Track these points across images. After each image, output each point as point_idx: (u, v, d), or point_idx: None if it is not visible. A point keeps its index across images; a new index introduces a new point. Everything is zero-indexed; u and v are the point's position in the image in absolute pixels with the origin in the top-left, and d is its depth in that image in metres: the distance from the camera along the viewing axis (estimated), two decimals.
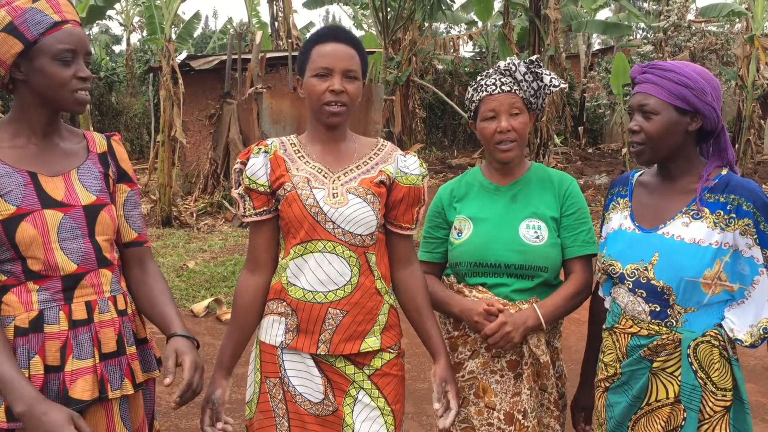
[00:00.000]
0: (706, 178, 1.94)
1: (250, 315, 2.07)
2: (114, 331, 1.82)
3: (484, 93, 2.21)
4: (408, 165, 2.07)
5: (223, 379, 2.05)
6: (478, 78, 2.28)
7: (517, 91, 2.19)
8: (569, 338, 4.88)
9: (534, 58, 2.26)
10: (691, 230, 1.90)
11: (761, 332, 1.87)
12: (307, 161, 2.03)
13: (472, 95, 2.26)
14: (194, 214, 10.60)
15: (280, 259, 2.05)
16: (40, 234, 1.72)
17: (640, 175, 2.12)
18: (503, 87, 2.19)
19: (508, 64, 2.22)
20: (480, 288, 2.22)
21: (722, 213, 1.89)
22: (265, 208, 2.02)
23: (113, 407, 1.81)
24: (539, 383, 2.19)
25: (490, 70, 2.27)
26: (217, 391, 2.02)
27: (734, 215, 1.88)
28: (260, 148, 2.05)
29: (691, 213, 1.93)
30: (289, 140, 2.09)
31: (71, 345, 1.74)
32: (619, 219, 2.08)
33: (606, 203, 2.19)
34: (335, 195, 1.96)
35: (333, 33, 2.01)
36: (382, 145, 2.12)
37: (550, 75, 2.25)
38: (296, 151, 2.05)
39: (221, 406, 2.01)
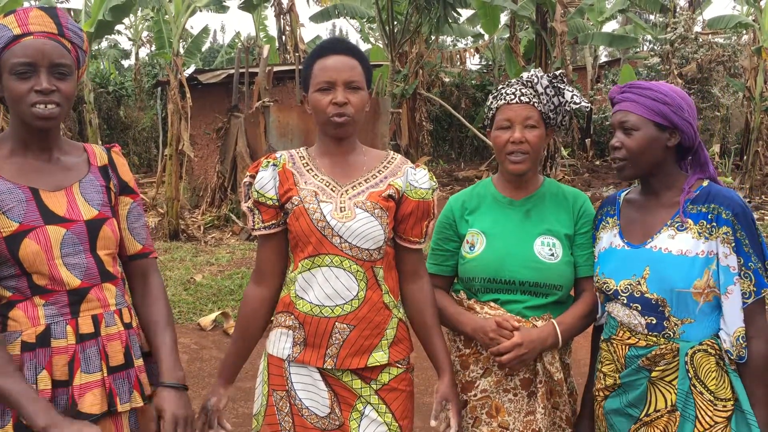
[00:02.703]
0: (687, 190, 1.98)
1: (252, 326, 2.08)
2: (121, 344, 1.81)
3: (502, 101, 2.18)
4: (417, 178, 2.05)
5: (221, 387, 2.09)
6: (499, 86, 2.25)
7: (536, 104, 2.15)
8: (578, 352, 4.84)
9: (558, 72, 2.23)
10: (678, 242, 1.94)
11: (739, 342, 1.88)
12: (316, 174, 2.02)
13: (491, 102, 2.23)
14: (201, 228, 10.61)
15: (288, 272, 2.05)
16: (43, 250, 1.71)
17: (627, 194, 2.15)
18: (522, 98, 2.15)
19: (531, 75, 2.19)
20: (492, 304, 2.18)
21: (705, 222, 1.93)
22: (273, 221, 2.03)
23: (123, 420, 1.80)
24: (552, 401, 2.16)
25: (513, 80, 2.23)
26: (212, 399, 2.06)
27: (715, 224, 1.91)
28: (269, 161, 2.05)
29: (675, 225, 1.96)
30: (298, 153, 2.08)
31: (79, 359, 1.73)
32: (609, 238, 2.10)
33: (596, 224, 2.20)
34: (342, 209, 1.95)
35: (333, 46, 2.01)
36: (392, 157, 2.10)
37: (572, 92, 2.20)
38: (305, 164, 2.05)
39: (215, 413, 2.05)
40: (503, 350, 2.06)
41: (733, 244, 1.89)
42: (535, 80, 2.17)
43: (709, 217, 1.92)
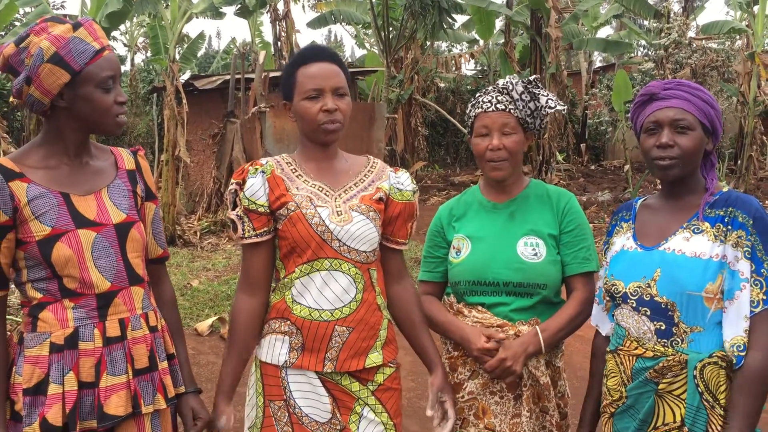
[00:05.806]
0: (711, 191, 1.95)
1: (249, 337, 2.06)
2: (146, 347, 1.87)
3: (480, 110, 2.22)
4: (401, 181, 2.11)
5: (226, 405, 2.05)
6: (477, 94, 2.29)
7: (512, 110, 2.20)
8: (574, 356, 4.86)
9: (533, 78, 2.27)
10: (692, 244, 1.90)
11: (733, 350, 1.82)
12: (306, 180, 2.04)
13: (470, 111, 2.28)
14: (198, 233, 10.61)
15: (281, 277, 2.05)
16: (76, 253, 1.77)
17: (644, 200, 2.13)
18: (498, 105, 2.20)
19: (506, 82, 2.23)
20: (479, 308, 2.22)
21: (721, 225, 1.89)
22: (265, 229, 2.01)
23: (145, 422, 1.86)
24: (540, 405, 2.18)
25: (489, 87, 2.28)
26: (222, 418, 2.03)
27: (730, 227, 1.87)
28: (256, 168, 2.03)
29: (692, 227, 1.93)
30: (284, 159, 2.09)
31: (105, 362, 1.79)
32: (622, 241, 2.07)
33: (610, 230, 2.17)
34: (339, 213, 1.98)
35: (316, 53, 2.03)
36: (374, 162, 2.15)
37: (547, 96, 2.24)
38: (293, 170, 2.06)
39: None
40: (489, 369, 2.12)
41: (747, 249, 1.84)
42: (511, 87, 2.22)
43: (726, 220, 1.88)
